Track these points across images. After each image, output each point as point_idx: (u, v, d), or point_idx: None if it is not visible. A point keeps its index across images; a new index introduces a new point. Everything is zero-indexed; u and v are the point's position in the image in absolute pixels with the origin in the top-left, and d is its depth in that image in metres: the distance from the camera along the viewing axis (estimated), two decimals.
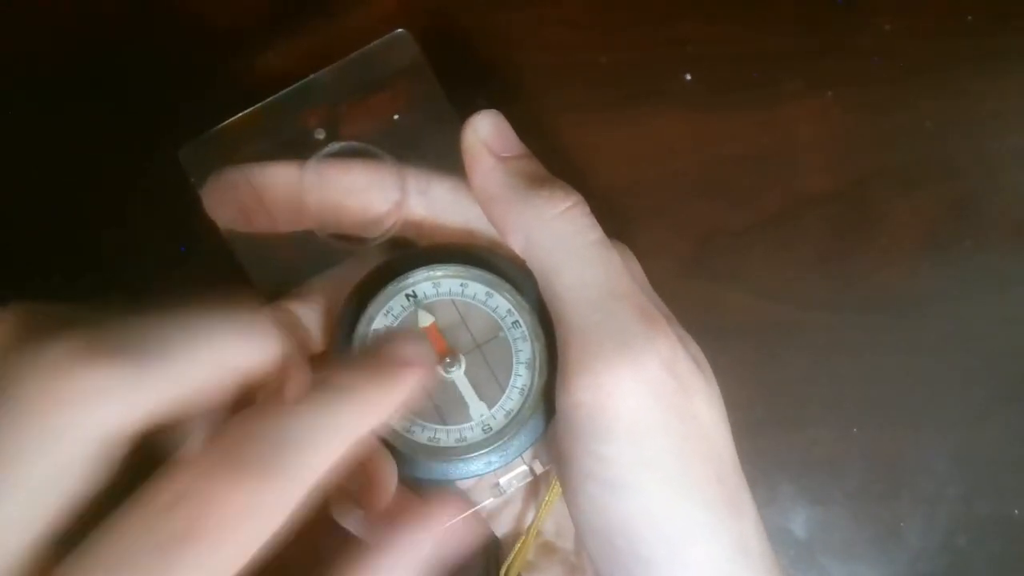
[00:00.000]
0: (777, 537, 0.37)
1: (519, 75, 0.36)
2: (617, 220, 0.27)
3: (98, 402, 0.17)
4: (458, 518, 0.24)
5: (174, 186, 0.36)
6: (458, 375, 0.27)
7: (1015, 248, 0.37)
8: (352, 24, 0.36)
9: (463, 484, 0.30)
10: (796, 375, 0.37)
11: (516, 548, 0.29)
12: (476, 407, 0.27)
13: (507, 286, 0.27)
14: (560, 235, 0.26)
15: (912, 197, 0.37)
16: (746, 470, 0.27)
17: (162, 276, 0.35)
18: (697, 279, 0.37)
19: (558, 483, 0.28)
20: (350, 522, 0.28)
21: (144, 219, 0.36)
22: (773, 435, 0.37)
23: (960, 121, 0.37)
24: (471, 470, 0.27)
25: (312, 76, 0.28)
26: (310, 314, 0.28)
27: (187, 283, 0.36)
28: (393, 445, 0.27)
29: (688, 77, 0.37)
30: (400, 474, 0.26)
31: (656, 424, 0.25)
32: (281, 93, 0.28)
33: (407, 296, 0.27)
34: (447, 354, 0.27)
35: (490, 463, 0.27)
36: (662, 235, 0.37)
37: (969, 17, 0.37)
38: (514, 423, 0.27)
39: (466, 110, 0.27)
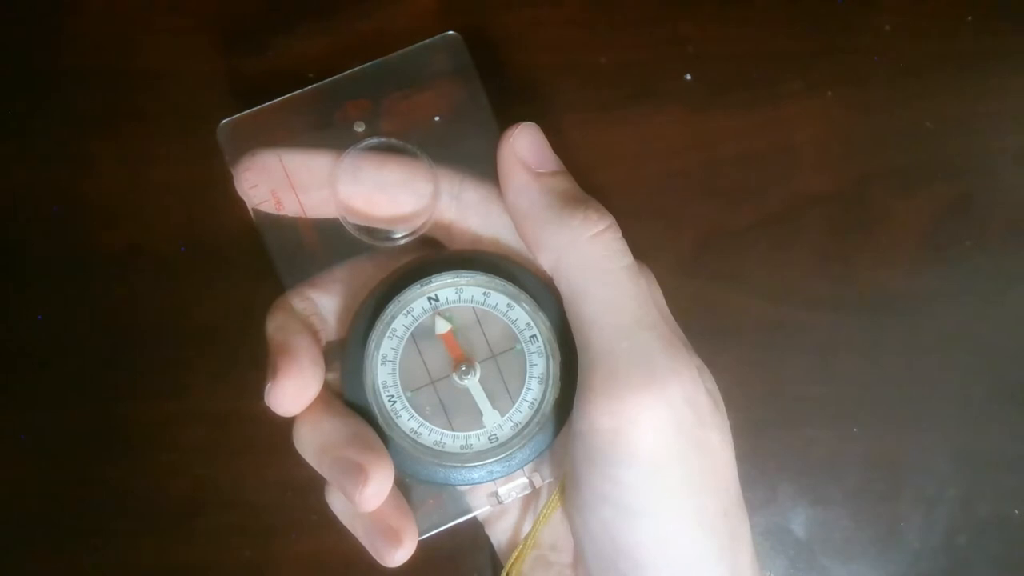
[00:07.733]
0: (777, 537, 0.37)
1: (519, 75, 0.36)
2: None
3: None
4: None
5: (175, 186, 0.36)
6: (472, 383, 0.27)
7: (1015, 248, 0.37)
8: (351, 26, 0.36)
9: (463, 488, 0.30)
10: (796, 375, 0.37)
11: (512, 558, 0.29)
12: (489, 416, 0.27)
13: (529, 300, 0.27)
14: (591, 258, 0.26)
15: (912, 197, 0.37)
16: (746, 470, 0.27)
17: (163, 275, 0.35)
18: (697, 279, 0.37)
19: (557, 497, 0.28)
20: (342, 514, 0.28)
21: (144, 219, 0.36)
22: (773, 435, 0.37)
23: (960, 121, 0.37)
24: (473, 477, 0.27)
25: (356, 69, 0.28)
26: (328, 302, 0.28)
27: (187, 283, 0.36)
28: (398, 444, 0.27)
29: (688, 77, 0.37)
30: (401, 473, 0.26)
31: (675, 455, 0.25)
32: (325, 81, 0.28)
33: (429, 299, 0.27)
34: (463, 361, 0.27)
35: (492, 472, 0.27)
36: (662, 235, 0.37)
37: (969, 17, 0.37)
38: (520, 436, 0.27)
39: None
